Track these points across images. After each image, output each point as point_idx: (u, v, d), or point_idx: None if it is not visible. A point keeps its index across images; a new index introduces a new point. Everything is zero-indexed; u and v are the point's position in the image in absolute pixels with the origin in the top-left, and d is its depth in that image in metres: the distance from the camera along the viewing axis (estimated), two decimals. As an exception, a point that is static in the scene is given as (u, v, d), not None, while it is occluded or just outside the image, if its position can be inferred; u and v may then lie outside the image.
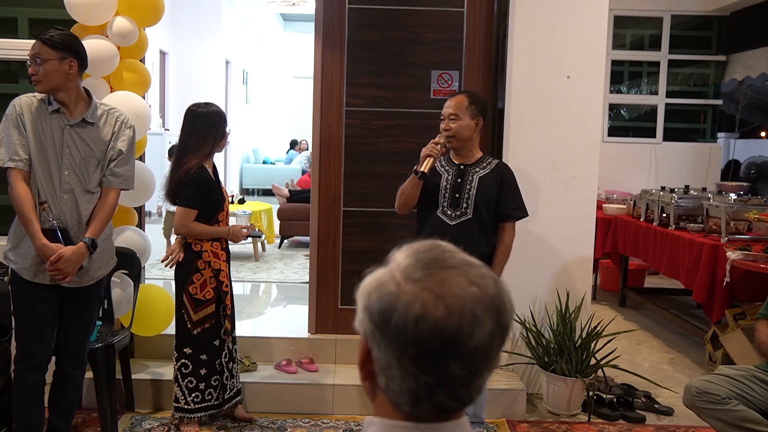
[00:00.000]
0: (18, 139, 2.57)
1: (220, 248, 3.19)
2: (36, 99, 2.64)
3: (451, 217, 2.98)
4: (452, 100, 3.01)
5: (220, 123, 3.15)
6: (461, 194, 2.98)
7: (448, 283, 0.83)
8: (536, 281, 3.79)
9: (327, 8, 3.84)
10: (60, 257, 2.55)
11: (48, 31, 2.60)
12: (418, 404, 0.85)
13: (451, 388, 0.83)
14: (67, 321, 2.73)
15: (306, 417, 3.45)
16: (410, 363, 0.82)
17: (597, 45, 3.75)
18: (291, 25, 13.90)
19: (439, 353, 0.81)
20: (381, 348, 0.85)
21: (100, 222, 2.66)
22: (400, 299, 0.83)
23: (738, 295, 4.15)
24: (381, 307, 0.84)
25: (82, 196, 2.64)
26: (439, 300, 0.81)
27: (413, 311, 0.81)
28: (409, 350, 0.82)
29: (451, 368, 0.82)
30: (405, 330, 0.81)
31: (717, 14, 7.23)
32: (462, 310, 0.81)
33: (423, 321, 0.81)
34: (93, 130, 2.66)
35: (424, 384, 0.83)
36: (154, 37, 5.46)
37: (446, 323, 0.80)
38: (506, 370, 3.74)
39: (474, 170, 3.01)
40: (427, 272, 0.84)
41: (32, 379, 2.66)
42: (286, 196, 7.42)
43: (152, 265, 5.76)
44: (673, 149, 7.28)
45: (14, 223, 2.67)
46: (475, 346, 0.82)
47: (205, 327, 3.14)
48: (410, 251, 0.88)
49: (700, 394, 2.62)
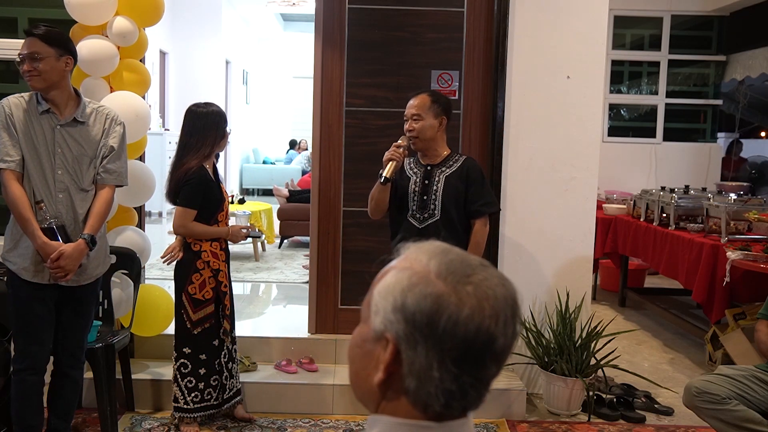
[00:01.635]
0: (8, 140, 2.56)
1: (220, 248, 3.19)
2: (24, 99, 2.62)
3: (419, 220, 2.94)
4: (414, 100, 2.96)
5: (219, 123, 3.14)
6: (428, 196, 2.93)
7: (487, 284, 0.85)
8: (536, 281, 3.79)
9: (327, 8, 3.84)
10: (61, 254, 2.55)
11: (39, 28, 2.58)
12: (450, 405, 0.85)
13: (483, 386, 0.87)
14: (65, 320, 2.73)
15: (306, 417, 3.45)
16: (453, 364, 0.83)
17: (597, 45, 3.75)
18: (291, 25, 13.90)
19: (481, 353, 0.84)
20: (418, 350, 0.84)
21: (97, 218, 2.68)
22: (448, 301, 0.83)
23: (738, 295, 4.15)
24: (424, 308, 0.83)
25: (77, 194, 2.65)
26: (483, 302, 0.84)
27: (464, 313, 0.83)
28: (454, 351, 0.83)
29: (488, 368, 0.85)
30: (455, 332, 0.82)
31: (717, 14, 7.23)
32: (500, 311, 0.85)
33: (472, 322, 0.83)
34: (83, 129, 2.67)
35: (462, 384, 0.84)
36: (154, 37, 5.47)
37: (488, 324, 0.83)
38: (506, 370, 3.74)
39: (440, 170, 2.97)
40: (465, 274, 0.85)
41: (31, 379, 2.65)
42: (285, 196, 7.42)
43: (152, 265, 5.76)
44: (673, 149, 7.28)
45: (10, 225, 2.66)
46: (505, 345, 0.86)
47: (205, 327, 3.14)
48: (428, 252, 0.89)
49: (700, 394, 2.62)
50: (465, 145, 3.85)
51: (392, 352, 0.85)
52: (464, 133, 3.85)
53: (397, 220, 3.00)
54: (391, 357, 0.86)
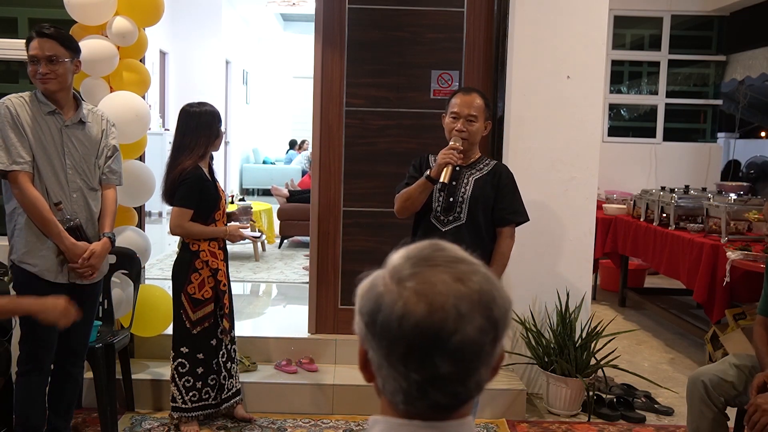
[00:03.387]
0: (18, 141, 2.52)
1: (218, 247, 3.19)
2: (25, 99, 2.59)
3: (443, 222, 2.74)
4: (468, 98, 2.69)
5: (213, 122, 3.13)
6: (455, 198, 2.73)
7: (431, 281, 0.83)
8: (536, 281, 3.79)
9: (327, 8, 3.84)
10: (92, 253, 2.61)
11: (52, 29, 2.57)
12: (411, 403, 0.86)
13: (444, 385, 0.84)
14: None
15: (306, 417, 3.45)
16: (399, 362, 0.83)
17: (597, 45, 3.75)
18: (291, 25, 13.90)
19: (425, 351, 0.82)
20: (373, 349, 0.86)
21: (111, 217, 2.77)
22: (384, 299, 0.84)
23: (738, 295, 4.15)
24: (369, 308, 0.86)
25: (89, 194, 2.70)
26: (421, 298, 0.82)
27: (396, 311, 0.82)
28: (396, 349, 0.83)
29: (438, 366, 0.82)
30: (390, 329, 0.83)
31: (717, 14, 7.23)
32: (445, 306, 0.82)
33: (406, 320, 0.82)
34: (86, 129, 2.70)
35: (414, 382, 0.84)
36: (154, 37, 5.47)
37: (429, 321, 0.81)
38: (506, 370, 3.74)
39: (470, 172, 2.76)
40: (412, 271, 0.85)
41: (37, 380, 2.65)
42: (285, 196, 7.42)
43: (152, 265, 5.77)
44: (673, 149, 7.27)
45: (21, 227, 2.59)
46: (462, 342, 0.82)
47: (205, 326, 3.14)
48: (404, 252, 0.89)
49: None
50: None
51: (360, 352, 0.90)
52: (464, 133, 3.85)
53: (418, 219, 2.83)
54: (361, 357, 0.90)
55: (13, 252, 2.63)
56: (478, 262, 0.89)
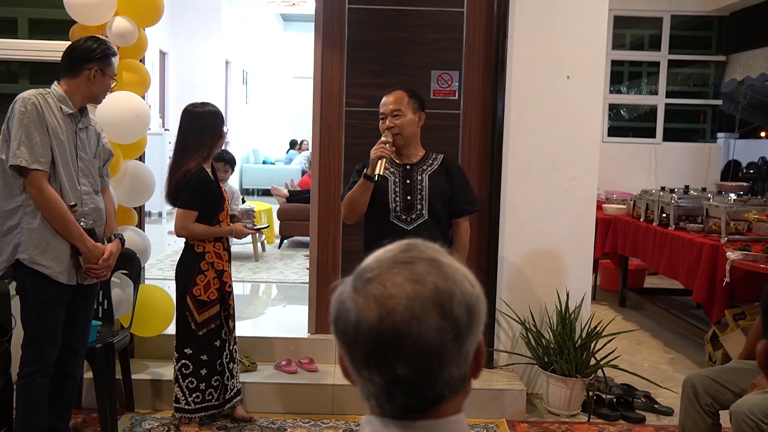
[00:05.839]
0: (41, 140, 2.49)
1: (223, 249, 3.19)
2: (48, 99, 2.56)
3: (406, 221, 2.80)
4: (390, 96, 2.84)
5: (216, 123, 3.13)
6: (413, 196, 2.81)
7: (385, 284, 0.83)
8: (536, 281, 3.79)
9: (327, 8, 3.84)
10: (111, 254, 2.67)
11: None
12: (381, 405, 0.87)
13: (407, 387, 0.83)
14: (74, 319, 2.74)
15: (306, 417, 3.45)
16: (362, 367, 0.85)
17: (597, 45, 3.75)
18: (291, 25, 13.91)
19: (381, 355, 0.82)
20: (345, 355, 0.88)
21: (115, 219, 2.88)
22: (342, 307, 0.85)
23: (738, 295, 4.16)
24: (333, 316, 0.87)
25: (96, 196, 2.73)
26: (373, 303, 0.82)
27: (352, 318, 0.83)
28: (356, 355, 0.84)
29: (396, 368, 0.82)
30: (348, 336, 0.84)
31: (717, 14, 7.23)
32: (397, 309, 0.81)
33: (360, 326, 0.82)
34: (89, 133, 2.74)
35: (378, 386, 0.84)
36: (154, 37, 5.47)
37: (381, 326, 0.81)
38: (506, 370, 3.74)
39: (421, 168, 2.86)
40: (370, 276, 0.85)
41: (41, 382, 2.65)
42: (285, 196, 7.42)
43: (152, 265, 5.77)
44: (673, 149, 7.28)
45: (34, 228, 2.53)
46: (418, 344, 0.81)
47: (211, 328, 3.14)
48: (371, 257, 0.89)
49: None
50: (465, 145, 3.85)
51: (339, 358, 0.91)
52: (464, 133, 3.85)
53: (376, 223, 2.87)
54: (341, 363, 0.91)
55: (19, 251, 2.55)
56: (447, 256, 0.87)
